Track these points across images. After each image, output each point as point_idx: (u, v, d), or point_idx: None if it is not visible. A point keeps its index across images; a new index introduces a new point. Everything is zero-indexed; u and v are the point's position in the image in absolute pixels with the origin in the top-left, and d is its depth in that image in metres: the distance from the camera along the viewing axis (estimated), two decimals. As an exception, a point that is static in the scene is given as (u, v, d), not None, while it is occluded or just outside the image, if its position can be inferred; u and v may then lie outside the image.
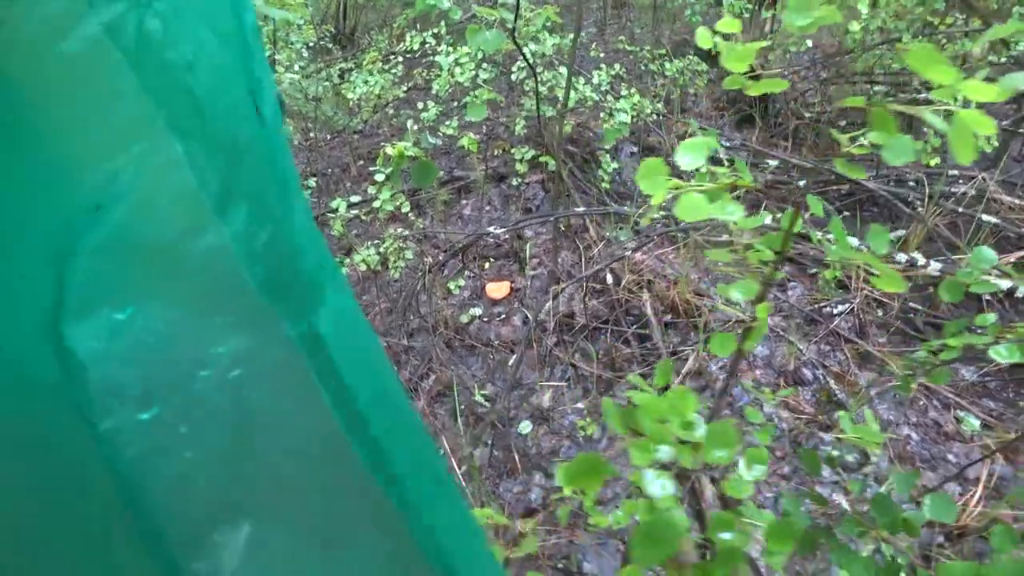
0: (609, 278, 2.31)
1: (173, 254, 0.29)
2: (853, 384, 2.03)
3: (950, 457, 1.89)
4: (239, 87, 0.30)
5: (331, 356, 0.34)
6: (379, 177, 1.92)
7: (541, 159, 2.72)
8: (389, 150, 1.87)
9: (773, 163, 2.55)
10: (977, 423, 1.95)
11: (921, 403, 2.02)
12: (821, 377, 2.05)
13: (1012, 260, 2.19)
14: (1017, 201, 2.42)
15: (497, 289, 2.45)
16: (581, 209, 2.13)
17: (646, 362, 2.09)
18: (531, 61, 1.94)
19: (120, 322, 0.29)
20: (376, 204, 1.98)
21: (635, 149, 3.22)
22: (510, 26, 1.48)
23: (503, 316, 2.40)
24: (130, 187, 0.27)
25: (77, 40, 0.26)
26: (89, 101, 0.28)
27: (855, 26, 2.48)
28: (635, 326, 2.20)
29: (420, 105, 2.78)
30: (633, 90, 2.83)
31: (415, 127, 1.79)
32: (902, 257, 2.16)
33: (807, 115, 3.12)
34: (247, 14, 0.31)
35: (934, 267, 2.18)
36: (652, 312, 2.12)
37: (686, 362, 2.08)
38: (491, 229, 2.14)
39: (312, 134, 3.78)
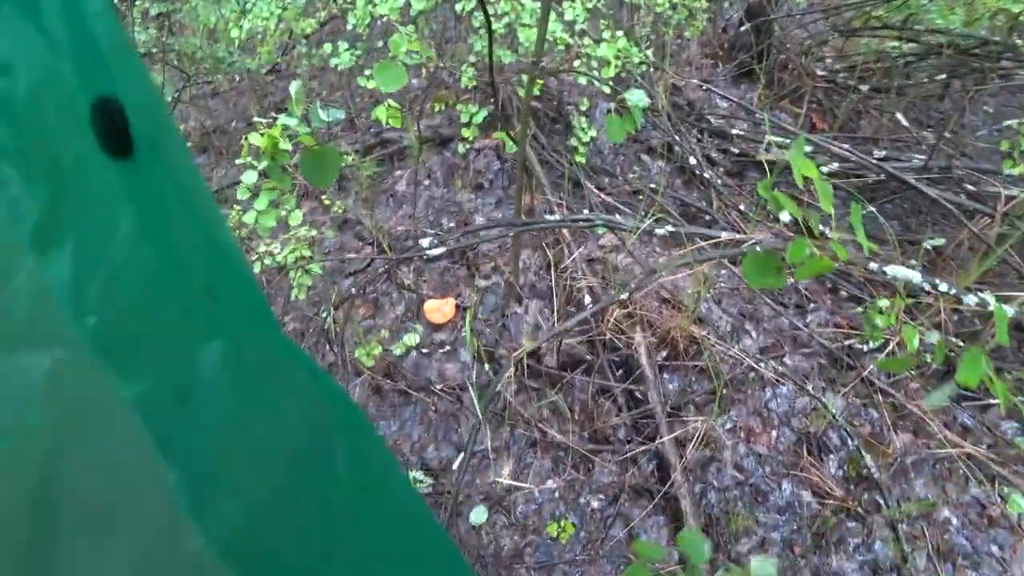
0: (589, 299, 1.70)
1: None
2: (888, 454, 1.58)
3: (994, 549, 1.50)
4: (76, 103, 0.22)
5: (200, 421, 0.26)
6: (248, 177, 1.18)
7: (497, 133, 1.98)
8: (255, 138, 1.13)
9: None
10: (1024, 501, 1.57)
11: (961, 473, 1.60)
12: (850, 442, 1.59)
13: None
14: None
15: (438, 309, 1.80)
16: (555, 218, 1.48)
17: (637, 430, 1.54)
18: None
19: None
20: (247, 219, 1.24)
21: (611, 105, 2.50)
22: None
23: (447, 348, 1.77)
24: None
25: None
26: None
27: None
28: (623, 372, 1.63)
29: (328, 46, 1.94)
30: (620, 33, 2.09)
31: (296, 89, 1.04)
32: (944, 288, 1.66)
33: (820, 72, 2.48)
34: (97, 19, 0.23)
35: (970, 300, 1.70)
36: (647, 358, 1.54)
37: (687, 424, 1.55)
38: (424, 244, 1.46)
39: (210, 79, 2.81)
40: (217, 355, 0.27)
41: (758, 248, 1.46)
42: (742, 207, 2.06)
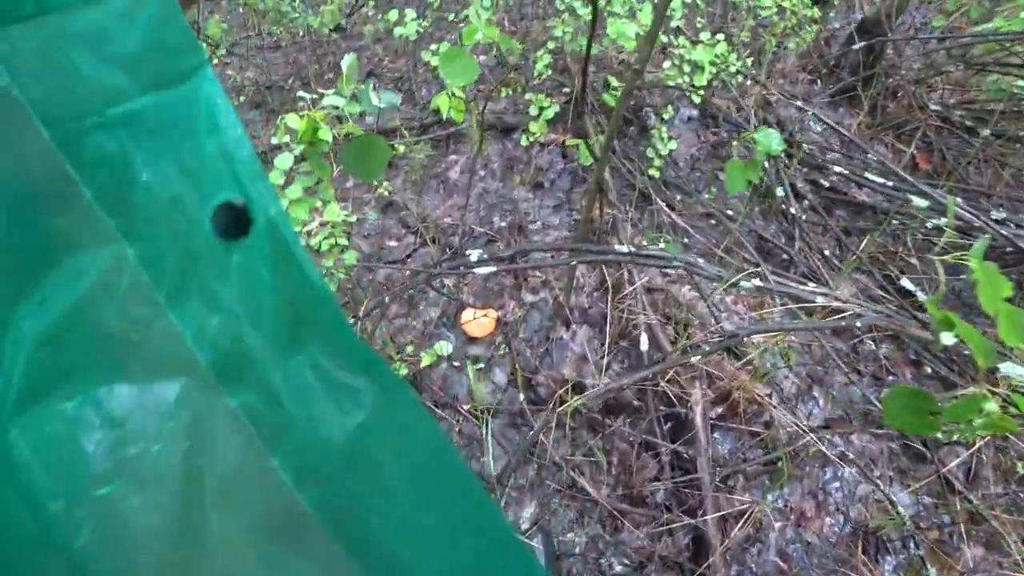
0: (645, 340, 1.49)
1: (124, 341, 0.29)
2: (955, 567, 1.36)
3: None
4: (200, 208, 0.30)
5: (290, 415, 0.34)
6: (283, 161, 0.99)
7: (570, 140, 1.73)
8: (292, 121, 0.94)
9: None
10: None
11: (1038, 599, 1.37)
12: (914, 547, 1.37)
13: None
14: None
15: (478, 321, 1.62)
16: (624, 250, 1.27)
17: (679, 498, 1.35)
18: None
19: (69, 409, 0.29)
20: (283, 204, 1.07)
21: (694, 113, 2.23)
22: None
23: (481, 366, 1.59)
24: (78, 282, 0.26)
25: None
26: (31, 206, 0.27)
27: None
28: (672, 427, 1.43)
29: (394, 13, 1.71)
30: (719, 37, 1.81)
31: (349, 64, 0.82)
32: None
33: (934, 107, 2.15)
34: (235, 149, 0.32)
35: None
36: (702, 419, 1.34)
37: (733, 500, 1.35)
38: (472, 257, 1.26)
39: (273, 30, 2.60)
40: (303, 367, 0.36)
41: (858, 324, 1.23)
42: (826, 251, 1.80)
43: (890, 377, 1.61)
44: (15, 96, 0.26)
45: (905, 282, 1.75)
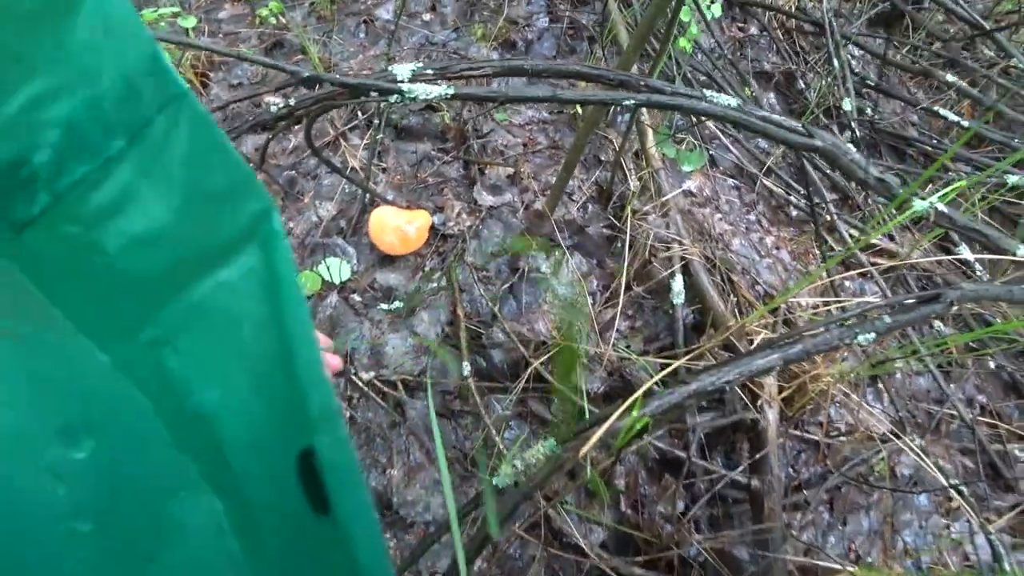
0: (680, 286, 0.84)
1: None
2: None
3: None
4: (282, 452, 0.19)
5: None
6: None
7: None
8: None
9: None
10: None
11: None
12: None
13: None
14: None
15: (398, 227, 0.87)
16: (727, 101, 0.58)
17: (718, 552, 0.76)
18: None
19: None
20: None
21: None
22: None
23: (396, 303, 0.86)
24: (172, 551, 0.19)
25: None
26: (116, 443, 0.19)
27: None
28: (708, 434, 0.82)
29: None
30: None
31: None
32: None
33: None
34: (302, 354, 0.19)
35: None
36: (775, 431, 0.74)
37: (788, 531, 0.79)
38: (401, 72, 0.50)
39: None
40: None
41: None
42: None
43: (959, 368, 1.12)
44: (61, 322, 0.19)
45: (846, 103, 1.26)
